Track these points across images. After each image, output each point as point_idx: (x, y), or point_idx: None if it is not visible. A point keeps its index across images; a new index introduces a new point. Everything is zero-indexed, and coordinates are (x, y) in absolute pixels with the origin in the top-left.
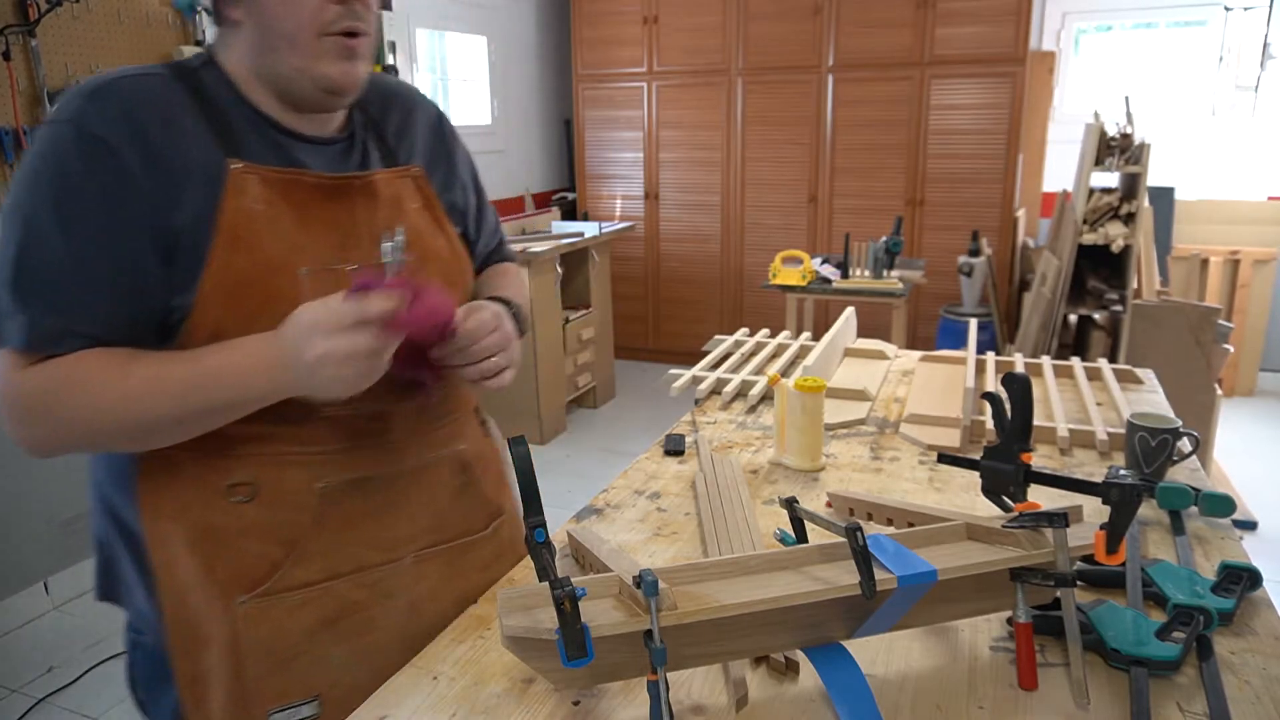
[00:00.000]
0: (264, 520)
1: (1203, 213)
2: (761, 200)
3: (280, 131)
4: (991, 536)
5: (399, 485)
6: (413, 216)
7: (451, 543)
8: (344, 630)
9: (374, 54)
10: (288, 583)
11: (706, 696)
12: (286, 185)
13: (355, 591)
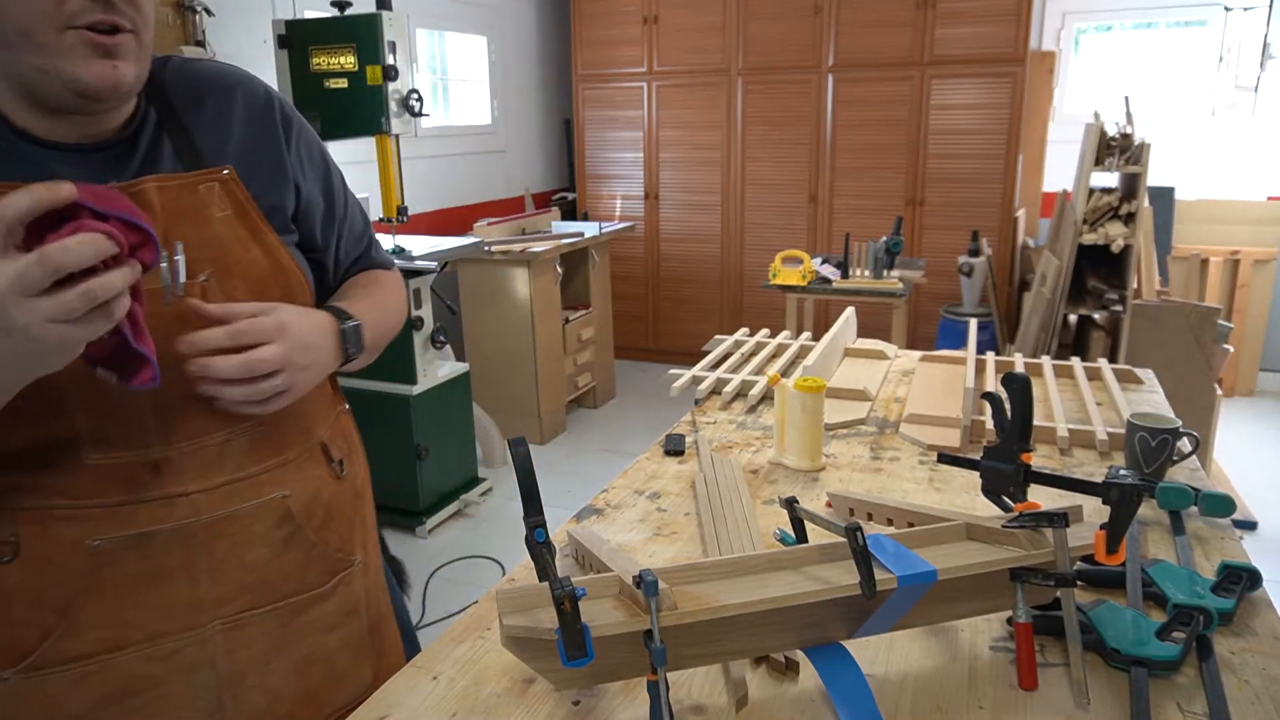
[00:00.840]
0: (28, 583)
1: (1203, 213)
2: (761, 200)
3: (28, 141)
4: (991, 536)
5: (194, 542)
6: (217, 226)
7: (277, 605)
8: (136, 710)
9: (146, 50)
10: (60, 655)
11: (706, 696)
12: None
13: (147, 665)
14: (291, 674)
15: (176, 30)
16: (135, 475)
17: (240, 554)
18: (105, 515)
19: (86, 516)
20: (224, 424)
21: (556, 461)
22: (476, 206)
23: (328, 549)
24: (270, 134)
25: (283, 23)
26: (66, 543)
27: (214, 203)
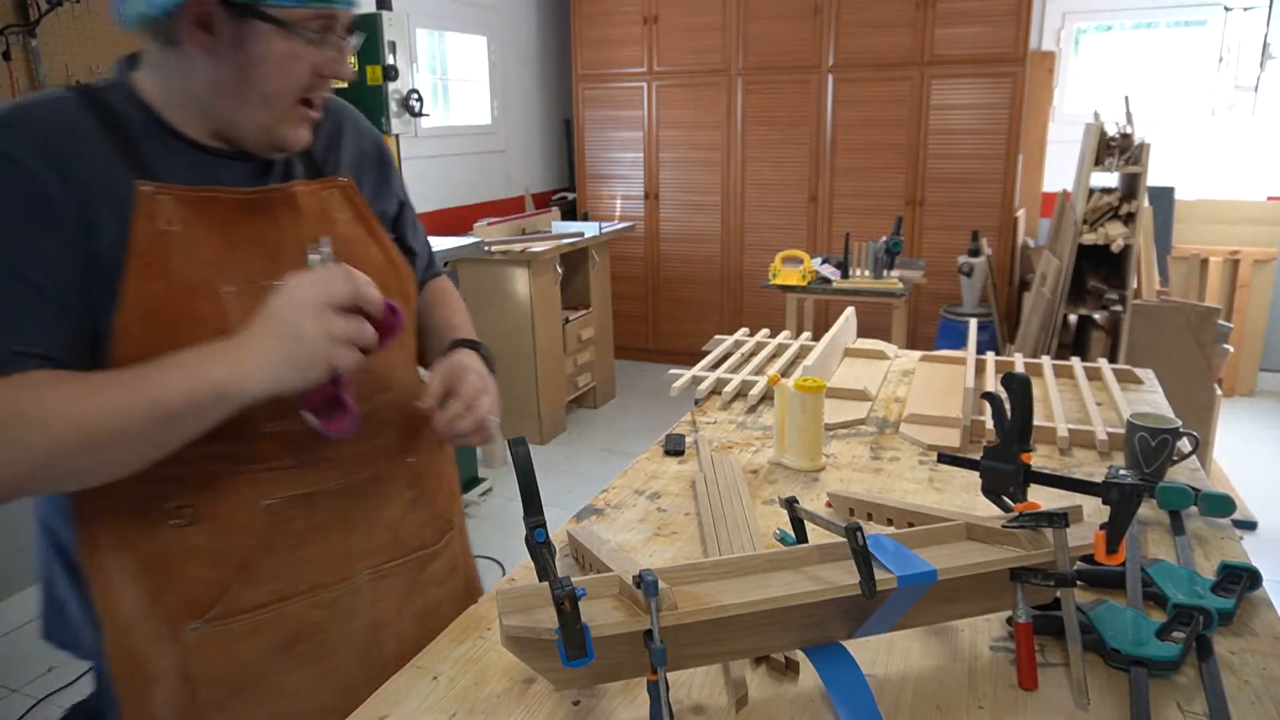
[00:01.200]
0: (208, 543)
1: (1203, 213)
2: (761, 200)
3: (196, 149)
4: (991, 536)
5: (349, 500)
6: (342, 227)
7: (407, 558)
8: (302, 654)
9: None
10: (238, 607)
11: (706, 696)
12: (203, 204)
13: (311, 612)
14: (415, 622)
15: None
16: (302, 441)
17: (381, 511)
18: (276, 477)
19: (261, 479)
20: (371, 394)
21: (556, 461)
22: (476, 206)
23: (438, 511)
24: (376, 154)
25: None
26: (243, 504)
27: (336, 207)
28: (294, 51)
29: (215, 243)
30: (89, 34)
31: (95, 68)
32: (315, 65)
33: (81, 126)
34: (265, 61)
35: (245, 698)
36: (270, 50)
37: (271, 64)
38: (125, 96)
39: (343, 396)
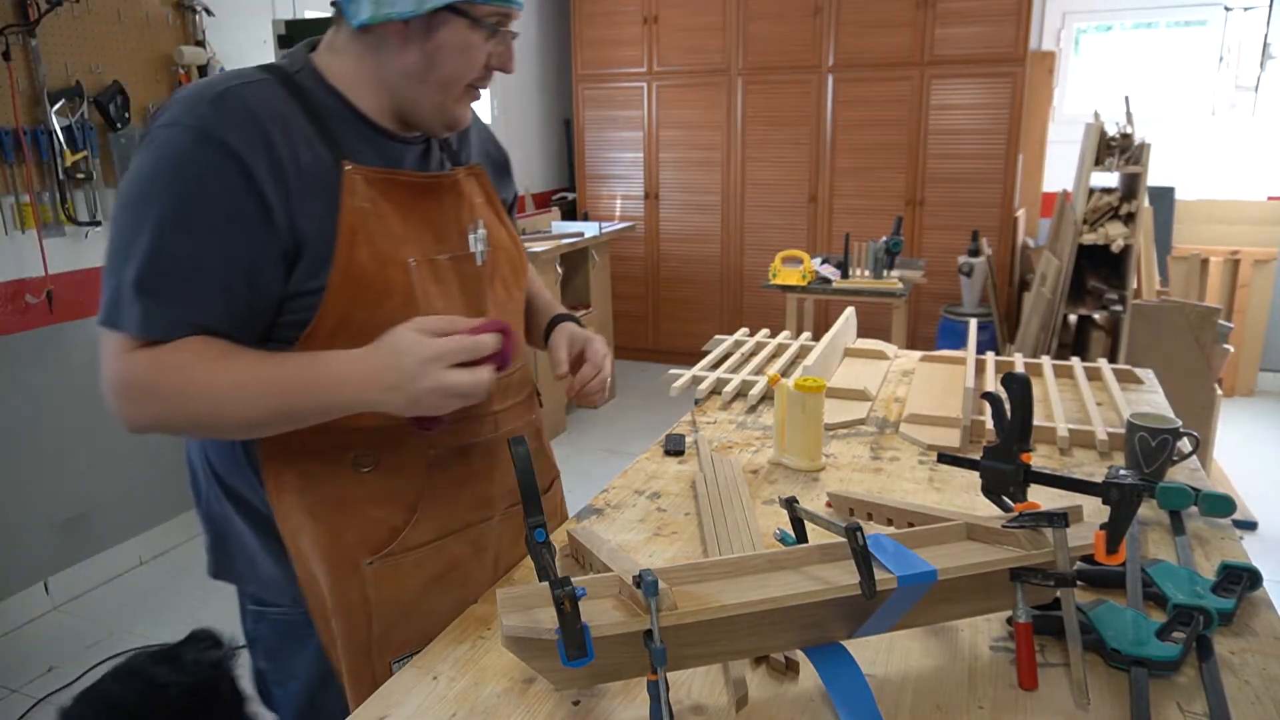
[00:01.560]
0: (385, 488)
1: (1203, 213)
2: (761, 200)
3: (378, 132)
4: (991, 536)
5: (493, 451)
6: (480, 211)
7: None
8: (449, 583)
9: None
10: (406, 544)
11: (706, 696)
12: (386, 184)
13: (459, 548)
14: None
15: (176, 30)
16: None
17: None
18: (443, 430)
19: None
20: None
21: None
22: None
23: (547, 463)
24: (494, 148)
25: (283, 23)
26: (414, 455)
27: (475, 191)
28: (473, 42)
29: (396, 219)
30: (89, 34)
31: (95, 68)
32: (489, 56)
33: (288, 113)
34: (449, 50)
35: (404, 623)
36: (455, 40)
37: (454, 52)
38: (315, 80)
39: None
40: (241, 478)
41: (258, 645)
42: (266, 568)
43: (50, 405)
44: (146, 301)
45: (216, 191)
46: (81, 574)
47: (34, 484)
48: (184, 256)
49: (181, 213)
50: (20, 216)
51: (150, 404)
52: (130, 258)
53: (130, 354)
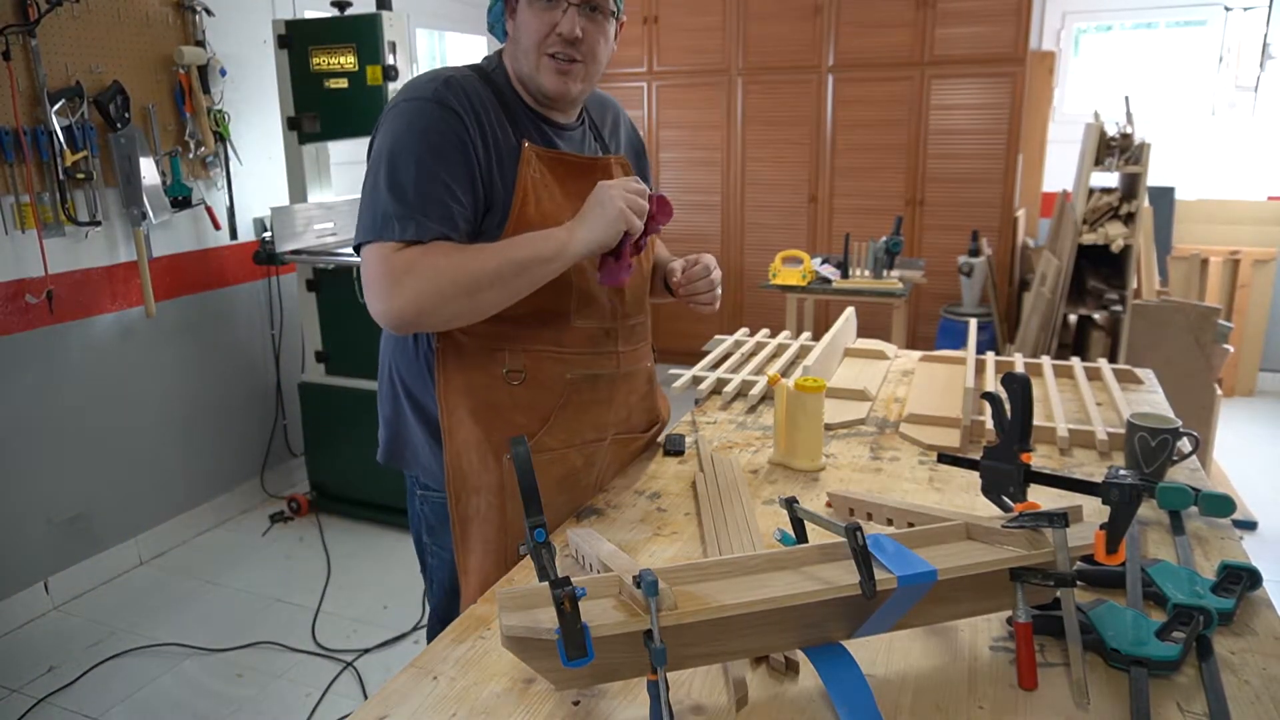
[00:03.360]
0: (529, 399)
1: (1203, 213)
2: (761, 200)
3: (543, 121)
4: (991, 536)
5: (616, 383)
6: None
7: (635, 434)
8: (565, 485)
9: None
10: (540, 447)
11: (706, 696)
12: (552, 161)
13: (578, 459)
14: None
15: (176, 30)
16: (598, 336)
17: (628, 396)
18: (578, 359)
19: (568, 359)
20: (638, 312)
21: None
22: None
23: (654, 406)
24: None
25: (283, 23)
26: (554, 375)
27: (615, 175)
28: (535, 14)
29: (557, 190)
30: (89, 34)
31: (94, 68)
32: (549, 24)
33: (486, 98)
34: (521, 24)
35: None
36: (523, 14)
37: (524, 25)
38: (504, 77)
39: (626, 259)
40: (422, 385)
41: (421, 522)
42: (429, 459)
43: (50, 405)
44: (411, 215)
45: (453, 139)
46: (81, 574)
47: (34, 484)
48: (436, 183)
49: (430, 152)
50: (20, 216)
51: (411, 281)
52: (396, 186)
53: (395, 254)
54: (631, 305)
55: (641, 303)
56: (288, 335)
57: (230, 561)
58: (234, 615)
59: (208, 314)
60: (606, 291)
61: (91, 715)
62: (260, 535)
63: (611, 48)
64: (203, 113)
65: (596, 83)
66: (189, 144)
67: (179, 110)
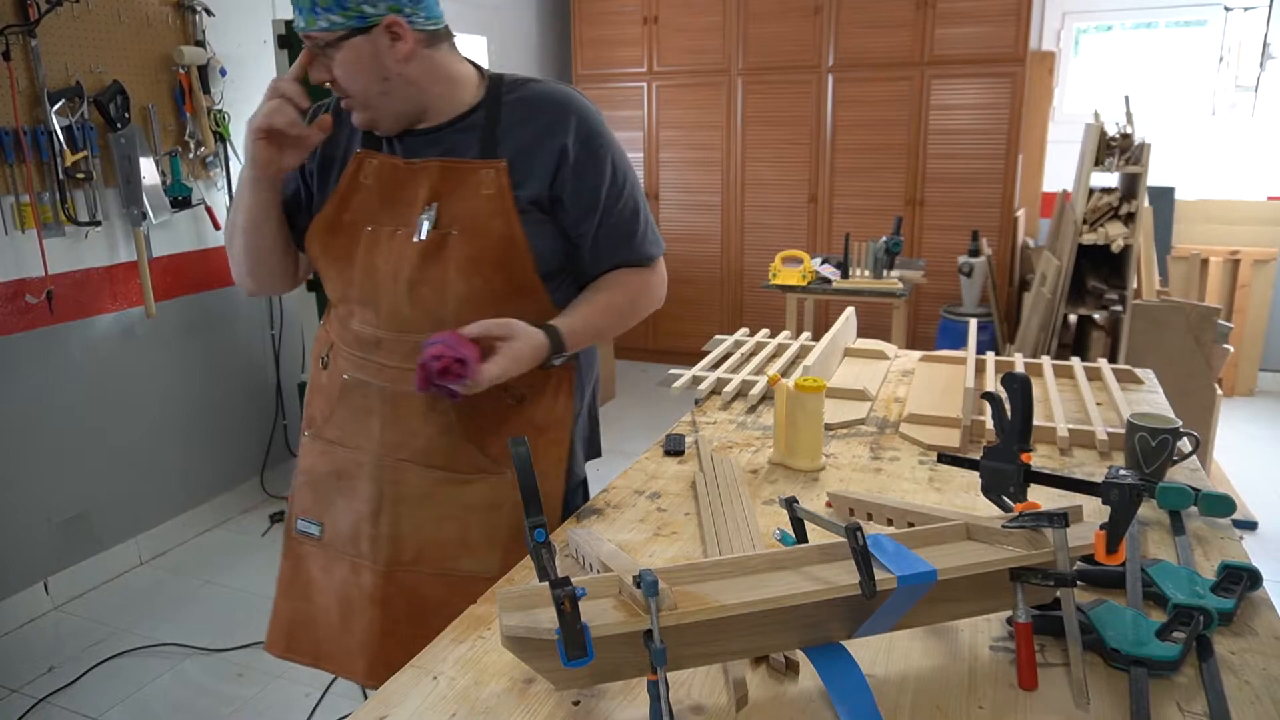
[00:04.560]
0: (326, 385)
1: (1203, 213)
2: (761, 200)
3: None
4: (991, 536)
5: (393, 400)
6: (480, 200)
7: (429, 468)
8: (340, 487)
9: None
10: (323, 433)
11: (706, 696)
12: (385, 167)
13: (349, 461)
14: (430, 519)
15: (176, 30)
16: (368, 342)
17: (409, 420)
18: (353, 362)
19: (347, 358)
20: (419, 332)
21: None
22: None
23: (477, 451)
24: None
25: (283, 23)
26: (338, 368)
27: (485, 183)
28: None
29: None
30: (89, 34)
31: (95, 68)
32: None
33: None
34: None
35: (313, 494)
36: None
37: None
38: None
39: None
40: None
41: None
42: None
43: (50, 405)
44: None
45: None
46: (81, 574)
47: (34, 484)
48: None
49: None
50: (20, 216)
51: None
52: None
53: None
54: (413, 320)
55: (440, 322)
56: (288, 335)
57: (230, 561)
58: (234, 615)
59: (208, 314)
60: (389, 296)
61: (91, 715)
62: (260, 535)
63: (383, 65)
64: (203, 113)
65: (403, 98)
66: (189, 144)
67: (179, 110)
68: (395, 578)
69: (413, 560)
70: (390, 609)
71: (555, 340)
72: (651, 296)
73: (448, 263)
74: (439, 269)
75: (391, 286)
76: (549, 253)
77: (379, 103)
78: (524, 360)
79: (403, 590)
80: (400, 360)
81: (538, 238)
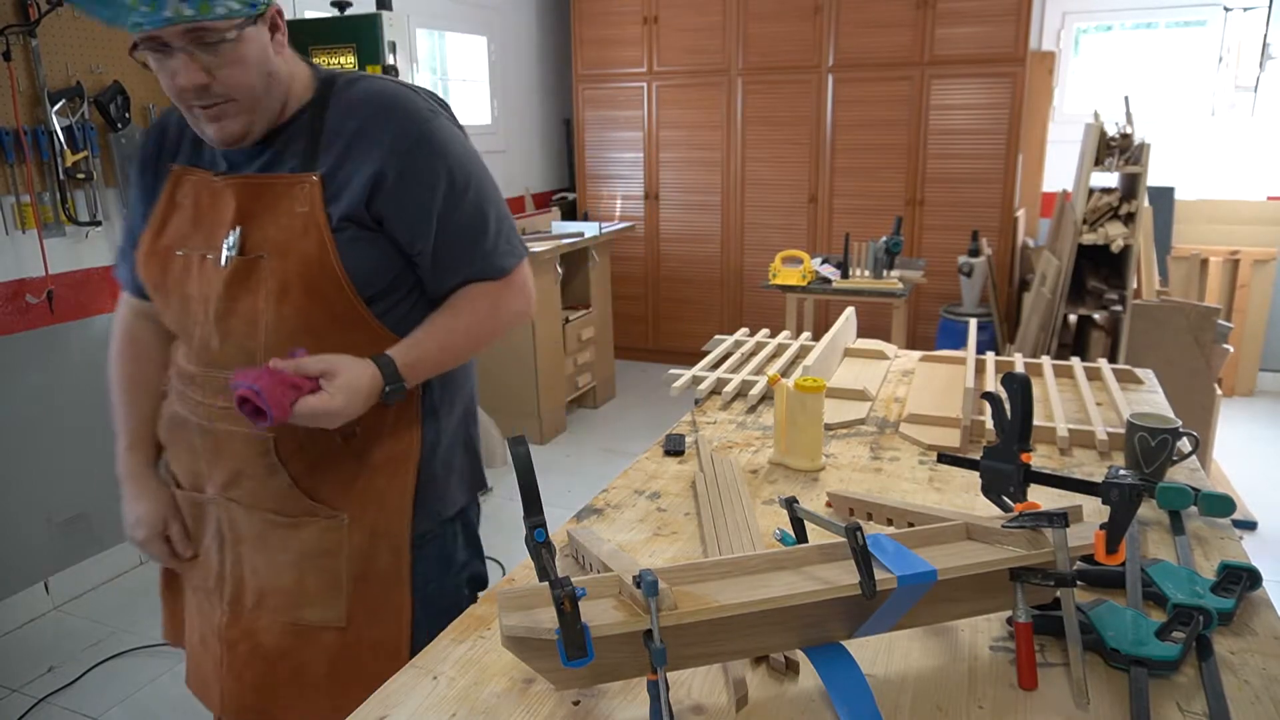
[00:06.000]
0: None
1: (1203, 213)
2: (761, 200)
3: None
4: (991, 536)
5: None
6: (291, 218)
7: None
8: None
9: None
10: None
11: (706, 696)
12: (200, 185)
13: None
14: (266, 564)
15: None
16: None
17: (234, 460)
18: (177, 395)
19: (174, 390)
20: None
21: (556, 461)
22: None
23: (306, 493)
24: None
25: None
26: (170, 402)
27: (298, 200)
28: (156, 66)
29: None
30: (89, 34)
31: (95, 68)
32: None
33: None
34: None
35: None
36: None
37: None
38: None
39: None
40: None
41: None
42: None
43: (50, 405)
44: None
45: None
46: (81, 574)
47: (34, 484)
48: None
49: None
50: (21, 216)
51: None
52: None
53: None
54: (222, 355)
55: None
56: None
57: None
58: None
59: None
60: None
61: (91, 715)
62: None
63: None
64: None
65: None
66: None
67: None
68: (240, 621)
69: (255, 605)
70: (236, 652)
71: (388, 372)
72: (504, 313)
73: (257, 291)
74: (249, 298)
75: (202, 318)
76: (372, 273)
77: (258, 105)
78: (362, 394)
79: (247, 634)
80: (212, 396)
81: (356, 258)
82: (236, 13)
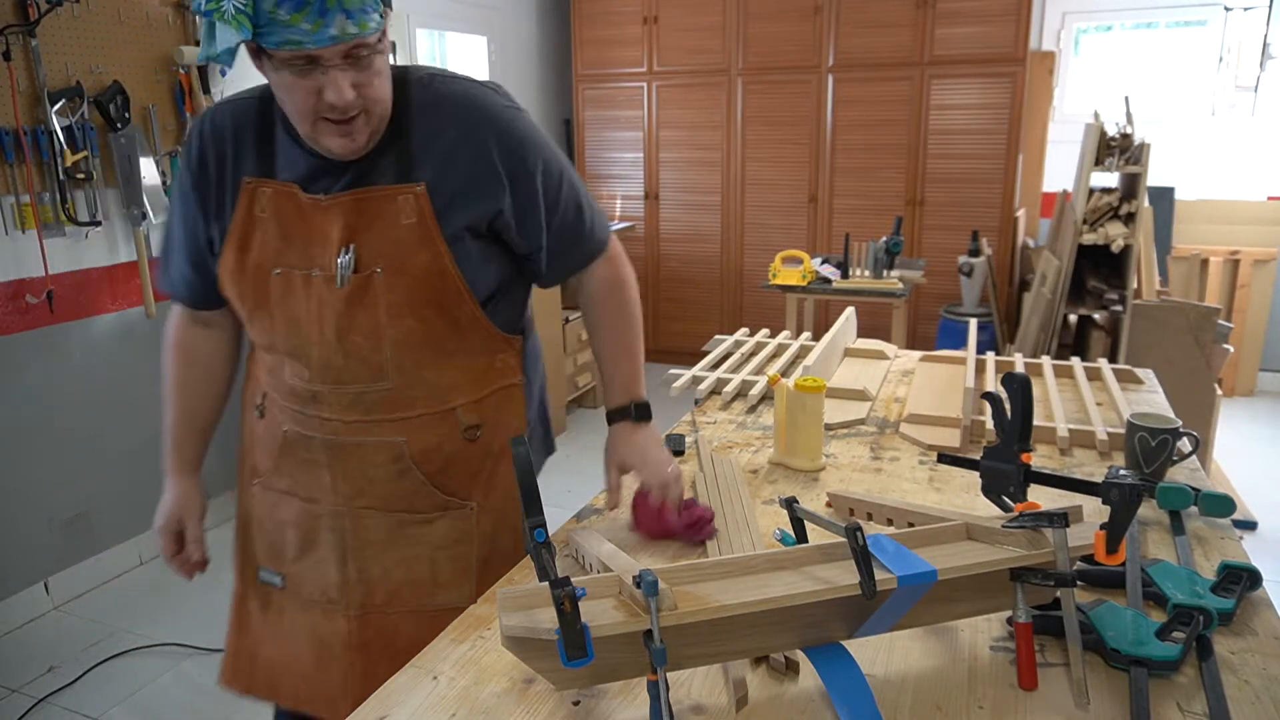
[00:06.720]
0: (264, 435)
1: (1203, 213)
2: (761, 200)
3: (309, 152)
4: (991, 536)
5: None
6: (400, 230)
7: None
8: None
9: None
10: (272, 484)
11: (706, 696)
12: (281, 198)
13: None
14: (399, 561)
15: (176, 30)
16: (304, 395)
17: (364, 469)
18: (291, 415)
19: (285, 411)
20: (357, 382)
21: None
22: None
23: (438, 489)
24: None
25: None
26: (278, 422)
27: (404, 211)
28: (287, 83)
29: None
30: (89, 34)
31: (95, 68)
32: (312, 91)
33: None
34: (277, 87)
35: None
36: (277, 80)
37: (281, 90)
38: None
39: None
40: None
41: None
42: None
43: (50, 405)
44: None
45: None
46: (81, 574)
47: (34, 484)
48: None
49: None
50: (20, 216)
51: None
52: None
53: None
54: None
55: (378, 369)
56: None
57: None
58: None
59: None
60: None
61: (91, 715)
62: None
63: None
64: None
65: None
66: None
67: (179, 110)
68: (370, 621)
69: (386, 602)
70: (369, 652)
71: (644, 412)
72: (629, 282)
73: (377, 307)
74: (368, 314)
75: (319, 338)
76: (489, 279)
77: (383, 114)
78: (657, 439)
79: (380, 633)
80: (341, 412)
81: (472, 267)
82: (380, 24)
